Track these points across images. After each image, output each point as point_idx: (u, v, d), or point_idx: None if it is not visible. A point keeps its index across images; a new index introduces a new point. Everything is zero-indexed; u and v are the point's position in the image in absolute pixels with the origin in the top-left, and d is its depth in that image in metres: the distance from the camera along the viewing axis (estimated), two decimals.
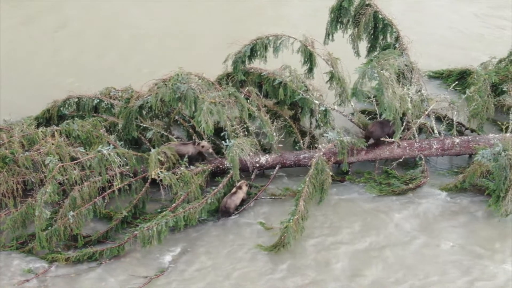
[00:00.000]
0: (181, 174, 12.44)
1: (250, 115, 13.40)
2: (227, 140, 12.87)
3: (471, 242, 12.26)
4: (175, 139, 13.65)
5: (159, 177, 12.24)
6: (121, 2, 20.71)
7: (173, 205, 12.45)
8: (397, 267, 11.90)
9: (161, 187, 12.45)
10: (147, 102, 13.05)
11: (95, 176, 12.43)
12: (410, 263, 11.97)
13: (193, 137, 13.74)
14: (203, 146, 13.29)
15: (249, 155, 12.96)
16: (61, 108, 14.19)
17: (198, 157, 13.44)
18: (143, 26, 19.67)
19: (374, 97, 13.63)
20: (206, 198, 12.50)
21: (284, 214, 12.41)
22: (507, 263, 11.85)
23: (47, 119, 14.24)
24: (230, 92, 12.57)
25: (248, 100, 13.39)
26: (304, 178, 12.53)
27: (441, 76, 16.40)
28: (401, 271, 11.84)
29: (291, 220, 11.93)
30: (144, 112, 13.54)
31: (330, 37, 14.82)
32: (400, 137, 13.71)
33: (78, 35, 19.28)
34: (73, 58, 18.23)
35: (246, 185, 13.12)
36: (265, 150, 14.00)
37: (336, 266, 11.94)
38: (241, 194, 12.98)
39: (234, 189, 12.93)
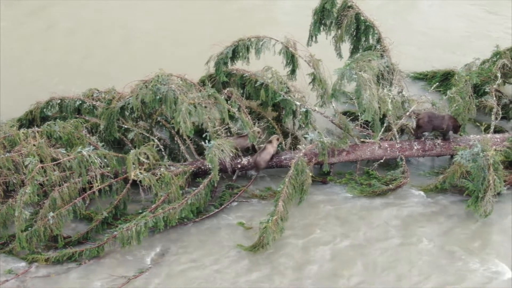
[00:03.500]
0: (161, 175, 12.48)
1: (231, 116, 13.46)
2: (206, 141, 12.91)
3: (450, 243, 12.32)
4: (156, 140, 13.66)
5: (138, 178, 12.28)
6: (110, 3, 20.72)
7: (153, 206, 12.50)
8: (376, 268, 11.96)
9: (140, 188, 12.50)
10: (129, 104, 13.10)
11: (75, 177, 12.47)
12: (389, 263, 12.03)
13: (175, 138, 13.78)
14: (258, 132, 13.46)
15: (229, 156, 12.97)
16: (44, 110, 14.23)
17: (249, 148, 13.67)
18: (132, 27, 19.66)
19: (355, 98, 13.66)
20: (186, 198, 12.54)
21: (266, 214, 12.43)
22: (485, 263, 11.92)
23: (30, 120, 14.27)
24: (210, 93, 12.63)
25: (229, 101, 13.43)
26: (284, 178, 12.58)
27: (426, 78, 16.41)
28: (380, 271, 11.92)
29: (270, 221, 11.98)
30: (127, 113, 13.60)
31: (314, 38, 14.86)
32: (381, 138, 13.81)
33: (66, 36, 19.27)
34: (61, 59, 18.24)
35: (277, 140, 13.44)
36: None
37: (315, 266, 12.01)
38: (271, 149, 13.29)
39: (264, 145, 13.34)
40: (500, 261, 11.98)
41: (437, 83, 15.35)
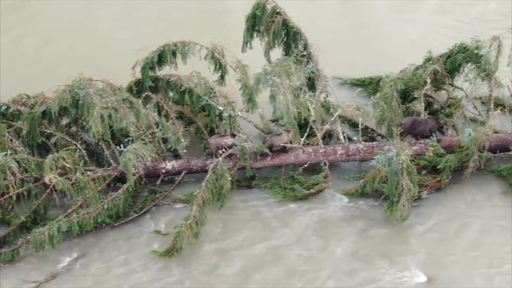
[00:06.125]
0: (76, 179, 12.48)
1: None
2: (121, 145, 12.94)
3: (366, 247, 12.41)
4: (78, 145, 13.63)
5: (52, 182, 12.27)
6: (61, 6, 20.66)
7: (69, 210, 12.50)
8: (290, 271, 12.07)
9: (54, 192, 12.49)
10: (50, 109, 13.11)
11: None
12: (303, 267, 12.13)
13: (100, 143, 13.77)
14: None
15: (150, 160, 12.99)
16: None
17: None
18: (83, 31, 19.56)
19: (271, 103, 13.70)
20: (102, 203, 12.54)
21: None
22: (398, 267, 12.00)
23: None
24: (124, 97, 12.66)
25: (147, 106, 13.48)
26: (201, 183, 12.63)
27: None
28: (294, 274, 12.00)
29: (183, 225, 12.01)
30: (53, 118, 13.52)
31: (248, 45, 14.92)
32: (308, 143, 13.86)
33: (15, 40, 19.26)
34: (7, 65, 18.17)
35: (289, 134, 13.50)
36: (177, 156, 14.04)
37: (229, 270, 12.10)
38: (285, 138, 13.43)
39: (280, 131, 13.53)
40: (414, 265, 12.05)
41: (360, 89, 15.47)
